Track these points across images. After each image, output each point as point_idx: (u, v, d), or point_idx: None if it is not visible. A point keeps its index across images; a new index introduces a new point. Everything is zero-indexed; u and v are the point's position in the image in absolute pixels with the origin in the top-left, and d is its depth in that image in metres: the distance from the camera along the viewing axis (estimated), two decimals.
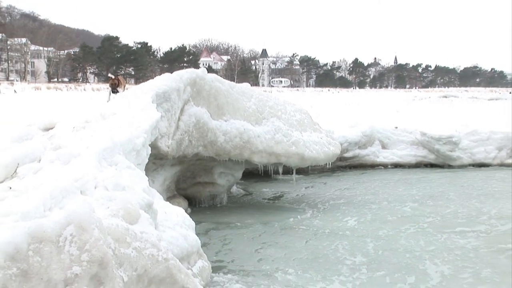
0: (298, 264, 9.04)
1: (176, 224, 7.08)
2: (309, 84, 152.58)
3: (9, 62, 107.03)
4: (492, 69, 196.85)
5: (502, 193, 15.47)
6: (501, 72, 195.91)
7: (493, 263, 9.09)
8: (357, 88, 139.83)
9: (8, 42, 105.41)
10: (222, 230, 11.42)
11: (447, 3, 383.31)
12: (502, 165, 21.19)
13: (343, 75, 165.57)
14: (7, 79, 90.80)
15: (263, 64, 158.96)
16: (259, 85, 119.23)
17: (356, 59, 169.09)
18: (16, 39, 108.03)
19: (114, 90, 12.61)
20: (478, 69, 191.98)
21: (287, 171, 15.92)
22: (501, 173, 19.61)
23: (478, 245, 10.17)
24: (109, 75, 18.40)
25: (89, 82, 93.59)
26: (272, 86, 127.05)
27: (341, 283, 8.17)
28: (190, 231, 7.32)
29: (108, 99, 12.59)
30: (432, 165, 21.18)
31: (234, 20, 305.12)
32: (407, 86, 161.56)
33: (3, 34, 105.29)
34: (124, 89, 12.95)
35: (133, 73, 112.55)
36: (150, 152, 9.42)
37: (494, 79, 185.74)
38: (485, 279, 8.34)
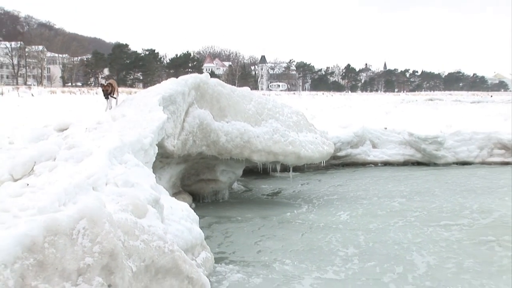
0: (294, 255, 9.08)
1: (181, 218, 7.10)
2: (305, 88, 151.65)
3: (27, 68, 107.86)
4: (474, 74, 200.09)
5: (483, 189, 15.55)
6: (482, 77, 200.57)
7: (475, 254, 9.17)
8: (349, 91, 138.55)
9: (26, 50, 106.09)
10: (224, 223, 11.46)
11: (434, 13, 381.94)
12: (483, 163, 21.25)
13: (336, 80, 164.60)
14: (25, 83, 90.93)
15: (262, 69, 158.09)
16: (258, 89, 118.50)
17: (349, 65, 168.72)
18: (33, 46, 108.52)
19: (106, 96, 12.02)
20: (461, 74, 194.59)
21: (285, 169, 15.98)
22: (482, 170, 19.69)
23: (461, 237, 10.24)
24: (101, 80, 16.67)
25: (100, 87, 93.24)
26: (270, 90, 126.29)
27: (334, 272, 8.22)
28: (194, 224, 7.34)
29: (106, 108, 12.13)
30: (418, 163, 21.15)
31: (235, 29, 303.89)
32: (396, 90, 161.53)
33: (22, 42, 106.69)
34: (117, 94, 12.53)
35: (141, 78, 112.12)
36: (157, 151, 9.46)
37: (476, 83, 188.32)
38: (467, 269, 8.41)
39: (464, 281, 7.87)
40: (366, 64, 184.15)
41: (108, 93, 11.98)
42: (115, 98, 12.33)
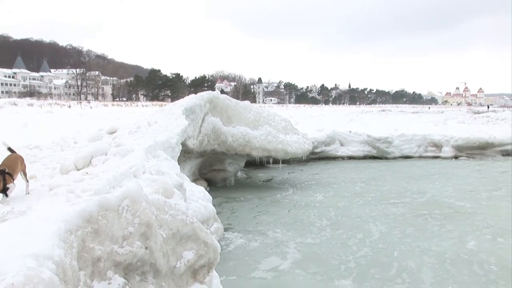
0: (283, 226, 9.11)
1: (199, 198, 7.08)
2: (291, 102, 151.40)
3: (87, 87, 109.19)
4: (413, 92, 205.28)
5: (420, 176, 15.59)
6: (419, 94, 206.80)
7: (414, 224, 9.22)
8: (323, 104, 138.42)
9: (87, 74, 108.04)
10: (230, 202, 11.47)
11: (391, 45, 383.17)
12: (420, 157, 21.29)
13: (314, 96, 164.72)
14: (86, 99, 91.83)
15: (259, 88, 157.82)
16: (256, 102, 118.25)
17: (323, 85, 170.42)
18: (92, 72, 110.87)
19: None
20: (404, 92, 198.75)
21: (276, 161, 15.98)
22: (419, 162, 19.75)
23: (404, 212, 10.29)
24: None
25: (139, 101, 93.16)
26: (265, 103, 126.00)
27: (312, 238, 8.26)
28: (208, 203, 7.32)
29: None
30: (374, 157, 21.18)
31: (239, 57, 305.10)
32: (357, 103, 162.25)
33: (84, 69, 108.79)
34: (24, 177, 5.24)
35: (169, 94, 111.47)
36: (181, 148, 9.45)
37: (415, 99, 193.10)
38: (408, 235, 8.47)
39: (406, 243, 7.90)
40: (335, 84, 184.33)
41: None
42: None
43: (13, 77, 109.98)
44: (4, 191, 4.45)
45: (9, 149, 5.11)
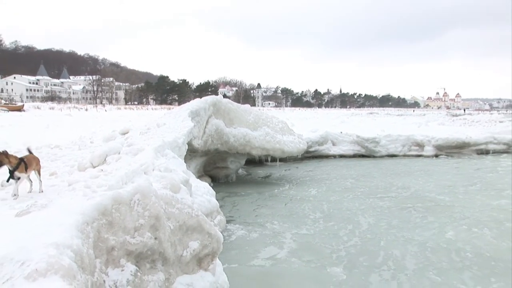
0: (280, 218, 9.09)
1: (203, 193, 7.06)
2: (287, 105, 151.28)
3: (102, 92, 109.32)
4: (398, 96, 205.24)
5: (405, 173, 15.57)
6: (404, 98, 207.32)
7: (399, 216, 9.21)
8: (317, 108, 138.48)
9: (102, 81, 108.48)
10: (232, 197, 11.43)
11: (376, 53, 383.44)
12: (405, 155, 21.21)
13: (308, 100, 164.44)
14: (101, 103, 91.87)
15: (258, 92, 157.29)
16: (255, 106, 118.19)
17: (316, 89, 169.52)
18: (106, 78, 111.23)
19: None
20: (390, 96, 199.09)
21: (274, 160, 16.02)
22: (404, 160, 19.72)
23: (390, 205, 10.27)
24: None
25: (149, 105, 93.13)
26: (263, 106, 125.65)
27: (306, 229, 8.25)
28: (212, 197, 7.29)
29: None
30: (363, 156, 21.12)
31: (240, 65, 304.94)
32: (348, 106, 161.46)
33: (99, 76, 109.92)
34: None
35: (177, 98, 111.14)
36: (187, 148, 9.42)
37: (399, 103, 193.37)
38: (394, 226, 8.46)
39: (392, 234, 7.90)
40: (328, 89, 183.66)
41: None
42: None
43: (36, 84, 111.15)
44: (12, 173, 4.46)
45: (28, 150, 5.17)
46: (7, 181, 4.62)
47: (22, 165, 4.52)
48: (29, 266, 2.50)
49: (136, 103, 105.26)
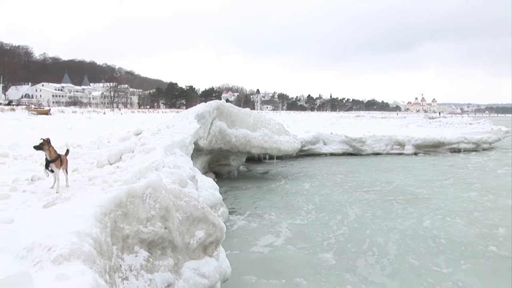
0: (277, 210, 9.08)
1: (208, 187, 6.98)
2: (283, 109, 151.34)
3: (118, 98, 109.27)
4: (382, 101, 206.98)
5: (388, 169, 15.56)
6: (387, 103, 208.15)
7: (383, 208, 9.20)
8: (310, 111, 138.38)
9: (118, 87, 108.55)
10: (234, 191, 11.41)
11: (363, 62, 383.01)
12: (388, 154, 21.21)
13: (302, 104, 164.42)
14: (117, 107, 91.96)
15: (257, 97, 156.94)
16: (255, 109, 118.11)
17: (309, 95, 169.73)
18: (122, 85, 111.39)
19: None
20: (374, 101, 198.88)
21: (271, 157, 16.01)
22: (387, 158, 19.70)
23: (375, 198, 10.26)
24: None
25: (160, 108, 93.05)
26: (262, 110, 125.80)
27: (300, 220, 8.24)
28: (216, 191, 7.23)
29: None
30: (351, 154, 21.11)
31: (241, 73, 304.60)
32: (337, 110, 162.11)
33: (116, 83, 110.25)
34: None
35: (184, 103, 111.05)
36: (193, 147, 9.38)
37: (383, 107, 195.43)
38: (378, 216, 8.45)
39: (376, 223, 7.90)
40: (319, 94, 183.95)
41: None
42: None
43: (61, 90, 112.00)
44: (48, 163, 4.38)
45: (67, 150, 5.17)
46: (46, 168, 4.41)
47: (58, 160, 4.45)
48: (55, 251, 2.53)
49: (148, 107, 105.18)
